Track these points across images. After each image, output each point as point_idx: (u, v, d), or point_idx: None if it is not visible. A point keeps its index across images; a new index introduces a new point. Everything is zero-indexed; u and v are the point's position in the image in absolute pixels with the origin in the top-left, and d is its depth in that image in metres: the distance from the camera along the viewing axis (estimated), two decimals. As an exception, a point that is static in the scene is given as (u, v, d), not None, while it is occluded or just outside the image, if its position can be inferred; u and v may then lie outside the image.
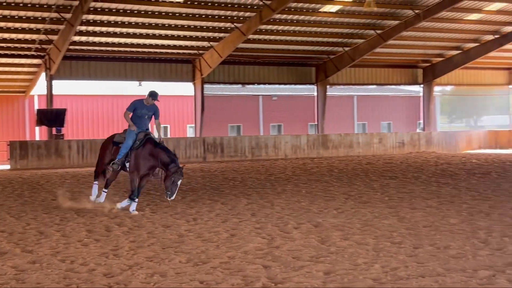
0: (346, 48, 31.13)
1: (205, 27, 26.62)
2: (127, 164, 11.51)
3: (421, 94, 37.94)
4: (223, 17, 25.86)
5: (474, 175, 17.85)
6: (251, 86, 36.99)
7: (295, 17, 26.63)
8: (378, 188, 14.65)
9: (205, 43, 28.44)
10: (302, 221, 9.75)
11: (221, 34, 27.53)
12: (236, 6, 24.80)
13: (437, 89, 37.88)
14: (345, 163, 24.44)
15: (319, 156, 29.87)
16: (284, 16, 26.34)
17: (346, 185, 15.53)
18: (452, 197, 12.61)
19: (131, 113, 11.76)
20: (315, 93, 34.52)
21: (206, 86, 31.01)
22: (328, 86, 33.66)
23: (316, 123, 35.43)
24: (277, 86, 39.82)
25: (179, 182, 11.07)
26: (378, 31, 28.91)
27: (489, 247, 7.55)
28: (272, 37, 28.86)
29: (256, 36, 28.14)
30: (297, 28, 28.05)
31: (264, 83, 34.36)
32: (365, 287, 5.90)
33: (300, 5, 25.25)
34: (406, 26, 27.81)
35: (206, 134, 30.42)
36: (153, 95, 11.72)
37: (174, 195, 11.17)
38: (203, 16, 25.46)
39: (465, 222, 9.43)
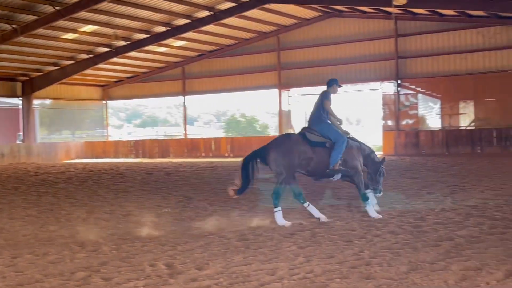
0: None
1: None
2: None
3: (21, 106, 36.39)
4: None
5: (72, 183, 17.85)
6: None
7: None
8: (-24, 201, 13.39)
9: None
10: None
11: None
12: None
13: (36, 102, 36.77)
14: None
15: None
16: None
17: None
18: (51, 205, 12.33)
19: None
20: None
21: None
22: None
23: None
24: None
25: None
26: (-26, 42, 26.61)
27: (86, 249, 7.55)
28: None
29: None
30: None
31: None
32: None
33: None
34: (3, 40, 26.21)
35: None
36: (338, 82, 9.49)
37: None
38: None
39: (63, 228, 9.28)
